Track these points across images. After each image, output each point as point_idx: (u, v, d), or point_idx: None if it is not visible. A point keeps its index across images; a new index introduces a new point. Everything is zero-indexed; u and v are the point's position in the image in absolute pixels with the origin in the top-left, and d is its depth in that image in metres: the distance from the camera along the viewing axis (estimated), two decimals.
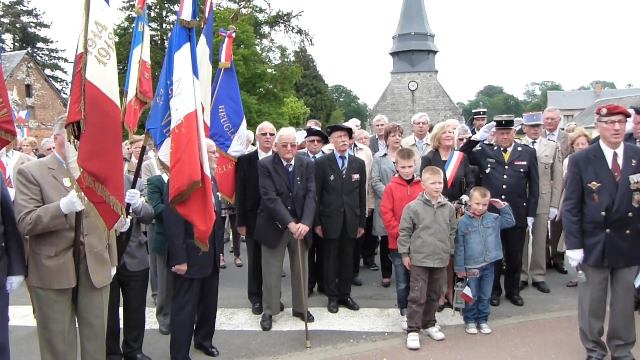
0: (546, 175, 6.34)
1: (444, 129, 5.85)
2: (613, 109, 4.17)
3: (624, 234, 4.14)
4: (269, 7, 38.63)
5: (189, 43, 4.08)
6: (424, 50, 49.58)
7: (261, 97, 30.98)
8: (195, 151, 3.93)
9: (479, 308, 5.21)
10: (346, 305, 5.98)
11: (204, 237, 4.01)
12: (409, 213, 4.96)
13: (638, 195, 4.12)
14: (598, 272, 4.24)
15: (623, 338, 4.31)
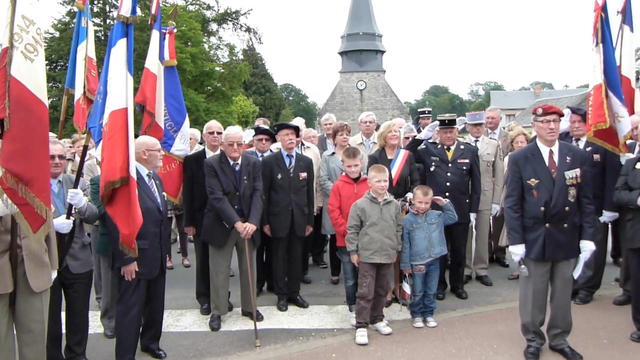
0: (488, 172, 6.55)
1: (389, 127, 5.95)
2: (548, 109, 4.36)
3: (562, 227, 4.32)
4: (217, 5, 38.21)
5: (125, 39, 3.99)
6: (372, 50, 50.12)
7: (209, 95, 30.54)
8: (115, 150, 3.83)
9: (425, 302, 5.33)
10: (295, 303, 6.00)
11: (129, 241, 3.94)
12: (356, 211, 5.02)
13: (573, 191, 4.32)
14: (540, 266, 4.41)
15: (561, 327, 4.52)
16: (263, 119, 8.71)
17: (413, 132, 6.79)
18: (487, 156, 6.57)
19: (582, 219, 4.40)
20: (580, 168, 4.35)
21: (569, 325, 4.55)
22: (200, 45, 29.22)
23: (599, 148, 5.45)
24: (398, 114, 46.10)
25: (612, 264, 6.95)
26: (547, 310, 4.55)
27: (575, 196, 4.34)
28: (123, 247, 3.98)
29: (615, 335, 4.92)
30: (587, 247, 4.39)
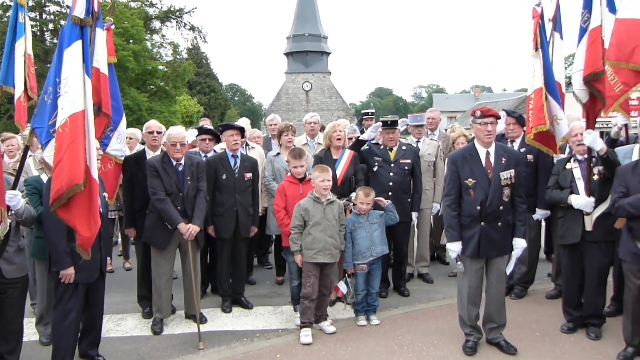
0: (429, 172, 6.73)
1: (334, 128, 6.02)
2: (486, 112, 4.53)
3: (497, 226, 4.50)
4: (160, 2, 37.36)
5: (80, 41, 3.91)
6: (318, 51, 50.34)
7: (152, 94, 29.86)
8: (78, 153, 3.76)
9: (368, 301, 5.42)
10: (240, 304, 5.96)
11: (87, 244, 3.86)
12: (300, 211, 5.05)
13: (508, 190, 4.51)
14: (475, 262, 4.57)
15: (496, 321, 4.70)
16: (207, 119, 8.60)
17: (356, 133, 6.89)
18: (428, 156, 6.75)
19: (515, 217, 4.60)
20: (515, 169, 4.54)
21: (504, 319, 4.74)
22: (142, 42, 28.52)
23: (532, 149, 5.69)
24: (343, 115, 46.47)
25: (545, 260, 7.27)
26: (482, 306, 4.73)
27: (509, 196, 4.53)
28: (80, 250, 3.89)
29: (547, 327, 5.16)
30: (519, 244, 4.60)
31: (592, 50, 4.78)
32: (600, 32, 4.74)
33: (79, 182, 3.73)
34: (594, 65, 4.75)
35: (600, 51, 4.71)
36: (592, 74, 4.76)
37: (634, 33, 4.52)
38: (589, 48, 4.80)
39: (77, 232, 3.82)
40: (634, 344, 4.46)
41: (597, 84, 4.79)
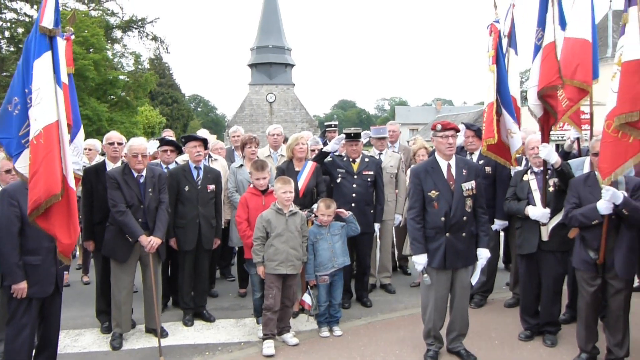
0: (391, 184, 6.82)
1: (297, 140, 6.06)
2: (446, 125, 4.63)
3: (461, 236, 4.59)
4: (121, 11, 36.81)
5: (50, 52, 3.93)
6: (282, 63, 50.51)
7: (113, 104, 29.31)
8: (54, 163, 3.82)
9: (331, 312, 5.44)
10: (202, 317, 5.90)
11: (68, 250, 3.94)
12: (262, 222, 5.05)
13: (470, 201, 4.61)
14: (441, 274, 4.64)
15: (458, 330, 4.79)
16: (169, 130, 8.53)
17: (319, 145, 6.93)
18: (391, 168, 6.84)
19: (477, 228, 4.70)
20: (475, 180, 4.65)
21: (466, 329, 4.82)
22: (103, 52, 28.01)
23: (490, 161, 5.85)
24: (307, 126, 46.75)
25: (503, 269, 7.45)
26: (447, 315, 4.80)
27: (472, 207, 4.63)
28: (62, 257, 3.96)
29: (505, 335, 5.28)
30: (483, 254, 4.70)
31: (545, 64, 4.98)
32: (554, 47, 4.93)
33: (56, 192, 3.79)
34: (549, 79, 4.93)
35: (555, 65, 4.90)
36: (546, 87, 4.94)
37: (577, 52, 4.74)
38: (542, 63, 4.99)
39: (57, 240, 3.88)
40: (587, 349, 4.61)
41: (550, 99, 4.98)
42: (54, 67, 3.95)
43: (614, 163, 4.18)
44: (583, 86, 4.67)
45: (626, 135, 4.13)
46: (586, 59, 4.72)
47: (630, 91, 4.07)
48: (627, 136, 4.13)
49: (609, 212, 4.26)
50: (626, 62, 4.12)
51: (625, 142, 4.15)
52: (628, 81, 4.10)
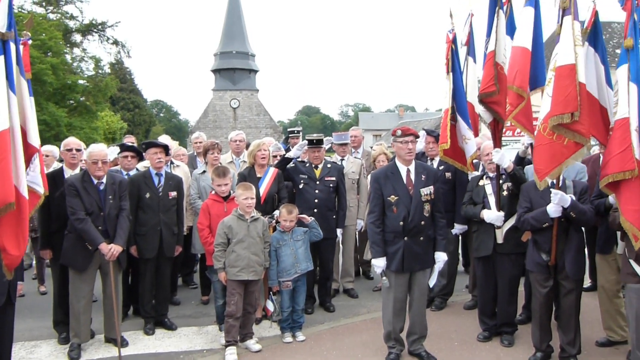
0: (353, 189, 6.91)
1: (259, 146, 6.07)
2: (406, 131, 4.74)
3: (419, 240, 4.69)
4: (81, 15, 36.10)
5: (3, 56, 3.80)
6: (246, 69, 50.31)
7: (72, 110, 28.70)
8: (7, 172, 3.68)
9: (294, 318, 5.46)
10: (163, 326, 5.84)
11: (15, 263, 3.79)
12: (223, 228, 5.05)
13: (428, 206, 4.71)
14: (400, 277, 4.72)
15: (418, 333, 4.88)
16: (130, 136, 8.42)
17: (281, 151, 6.97)
18: (352, 174, 6.93)
19: (435, 232, 4.81)
20: (434, 185, 4.76)
21: (425, 331, 4.92)
22: (61, 56, 27.44)
23: (450, 166, 5.99)
24: (271, 132, 46.68)
25: (463, 272, 7.61)
26: (407, 317, 4.89)
27: (430, 211, 4.74)
28: (5, 270, 3.78)
29: (465, 337, 5.40)
30: (440, 257, 4.81)
31: (485, 71, 5.19)
32: (493, 55, 5.14)
33: (10, 201, 3.66)
34: (484, 85, 5.15)
35: (491, 72, 5.11)
36: (482, 93, 5.15)
37: (517, 59, 4.96)
38: (484, 70, 5.20)
39: (4, 251, 3.72)
40: (542, 348, 4.77)
41: (496, 105, 5.16)
42: (6, 73, 3.81)
43: (550, 165, 4.39)
44: (519, 91, 4.88)
45: (561, 137, 4.33)
46: (524, 66, 4.93)
47: (562, 93, 4.28)
48: (562, 138, 4.33)
49: (558, 215, 4.43)
50: (559, 66, 4.34)
51: (560, 144, 4.35)
52: (561, 84, 4.31)
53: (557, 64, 4.36)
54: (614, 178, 4.14)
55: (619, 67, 4.23)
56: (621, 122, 4.14)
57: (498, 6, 5.21)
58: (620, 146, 4.11)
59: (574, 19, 4.33)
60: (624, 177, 4.08)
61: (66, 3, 34.64)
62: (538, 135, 4.54)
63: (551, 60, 4.47)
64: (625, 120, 4.10)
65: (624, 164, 4.06)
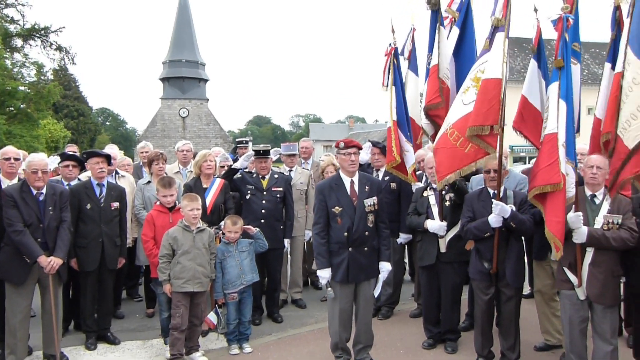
0: (301, 200, 6.94)
1: (205, 157, 6.03)
2: (349, 143, 4.81)
3: (363, 251, 4.75)
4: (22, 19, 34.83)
5: None
6: (195, 78, 49.71)
7: (11, 117, 27.57)
8: None
9: (240, 330, 5.42)
10: (106, 340, 5.68)
11: None
12: (168, 240, 4.99)
13: (372, 217, 4.79)
14: (345, 287, 4.77)
15: (364, 342, 4.93)
16: (72, 145, 8.19)
17: (228, 162, 6.93)
18: (301, 185, 6.96)
19: (379, 242, 4.88)
20: (377, 196, 4.84)
21: (371, 340, 4.98)
22: (1, 60, 26.37)
23: (395, 177, 6.10)
24: (221, 142, 46.27)
25: (409, 281, 7.75)
26: (353, 327, 4.93)
27: (374, 222, 4.82)
28: None
29: (410, 345, 5.50)
30: (385, 267, 4.89)
31: (429, 84, 5.35)
32: (437, 69, 5.31)
33: None
34: (429, 97, 5.32)
35: (436, 85, 5.28)
36: (429, 105, 5.32)
37: None
38: (428, 83, 5.37)
39: None
40: (484, 354, 4.92)
41: (437, 118, 5.33)
42: None
43: (449, 168, 4.67)
44: None
45: (464, 145, 4.59)
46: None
47: (486, 105, 4.48)
48: (465, 145, 4.60)
49: (498, 225, 4.60)
50: (486, 79, 4.54)
51: (461, 150, 4.61)
52: (485, 97, 4.51)
53: (484, 75, 4.53)
54: (541, 190, 4.32)
55: (550, 84, 4.43)
56: (550, 136, 4.33)
57: (438, 22, 5.39)
58: (548, 160, 4.29)
59: (506, 37, 4.53)
60: (550, 189, 4.26)
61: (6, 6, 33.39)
62: (443, 137, 4.78)
63: (472, 71, 4.65)
64: (554, 136, 4.29)
65: (550, 177, 4.24)
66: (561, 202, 4.22)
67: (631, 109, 4.30)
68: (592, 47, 35.56)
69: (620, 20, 4.83)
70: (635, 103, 4.27)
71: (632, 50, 4.30)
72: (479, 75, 4.60)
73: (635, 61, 4.26)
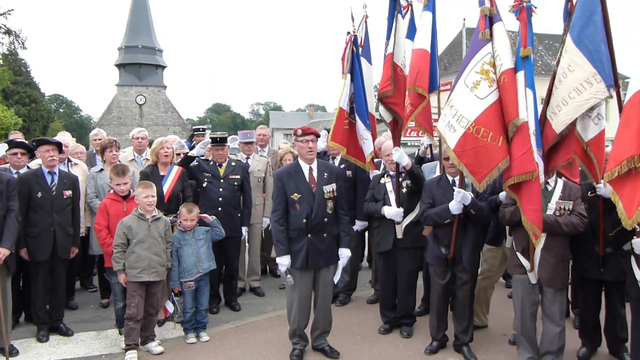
0: (259, 188, 6.91)
1: (162, 144, 5.94)
2: (306, 130, 4.81)
3: (322, 237, 4.77)
4: None
5: None
6: (152, 64, 48.64)
7: None
8: None
9: (197, 318, 5.38)
10: (59, 332, 5.56)
11: None
12: (122, 229, 4.89)
13: (331, 203, 4.81)
14: (304, 274, 4.79)
15: (322, 328, 4.98)
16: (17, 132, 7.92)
17: (184, 149, 6.83)
18: (258, 172, 6.93)
19: (339, 228, 4.91)
20: (336, 183, 4.87)
21: (329, 326, 5.03)
22: None
23: (351, 165, 6.12)
24: (180, 130, 45.54)
25: (367, 268, 7.84)
26: (311, 314, 4.97)
27: (333, 208, 4.84)
28: None
29: (367, 330, 5.58)
30: (344, 254, 4.93)
31: (384, 72, 5.38)
32: (391, 57, 5.34)
33: None
34: (382, 85, 5.34)
35: (388, 73, 5.31)
36: (381, 93, 5.35)
37: (418, 61, 5.17)
38: (383, 71, 5.39)
39: None
40: (438, 338, 5.03)
41: (395, 106, 5.37)
42: None
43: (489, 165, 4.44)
44: (420, 91, 5.07)
45: (495, 139, 4.41)
46: (425, 67, 5.14)
47: (514, 98, 4.41)
48: (497, 140, 4.42)
49: (459, 212, 4.68)
50: (506, 70, 4.46)
51: (494, 145, 4.43)
52: (509, 90, 4.43)
53: (502, 69, 4.46)
54: (517, 180, 4.34)
55: (516, 73, 4.47)
56: (522, 125, 4.36)
57: (397, 10, 5.41)
58: (522, 149, 4.33)
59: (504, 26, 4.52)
60: (525, 178, 4.30)
61: None
62: (467, 137, 4.50)
63: (474, 63, 4.57)
64: (525, 124, 4.34)
65: (525, 166, 4.29)
66: (537, 190, 4.29)
67: (562, 94, 4.37)
68: (545, 38, 36.43)
69: (572, 12, 4.93)
70: (568, 90, 4.34)
71: (571, 37, 4.39)
72: (486, 67, 4.50)
73: (573, 49, 4.34)
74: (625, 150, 3.86)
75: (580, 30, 4.34)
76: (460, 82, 4.60)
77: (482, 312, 5.62)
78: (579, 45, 4.32)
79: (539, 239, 4.31)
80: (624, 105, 4.09)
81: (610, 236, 4.49)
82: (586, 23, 4.33)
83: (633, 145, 3.82)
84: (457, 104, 4.60)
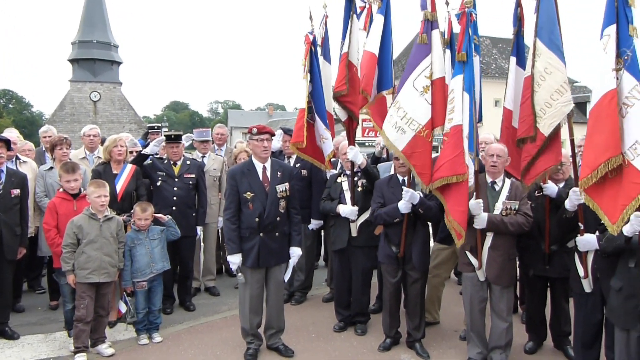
0: (215, 187, 6.86)
1: (115, 142, 5.82)
2: (261, 129, 4.81)
3: (274, 236, 4.78)
4: None
5: None
6: (107, 60, 47.41)
7: None
8: None
9: (150, 319, 5.30)
10: (4, 335, 5.37)
11: None
12: (72, 228, 4.77)
13: (283, 202, 4.83)
14: (255, 273, 4.79)
15: (275, 327, 4.98)
16: None
17: (137, 147, 6.70)
18: (214, 171, 6.88)
19: (290, 227, 4.94)
20: (289, 182, 4.88)
21: (283, 324, 5.04)
22: None
23: (306, 164, 6.13)
24: (136, 127, 44.59)
25: (323, 266, 7.87)
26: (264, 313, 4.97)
27: (285, 207, 4.86)
28: None
29: (322, 329, 5.61)
30: (295, 252, 4.96)
31: (339, 72, 5.45)
32: (346, 57, 5.41)
33: None
34: (337, 84, 5.41)
35: (343, 72, 5.39)
36: (336, 92, 5.42)
37: (365, 63, 5.26)
38: (338, 70, 5.46)
39: None
40: (391, 335, 5.12)
41: (348, 103, 5.43)
42: None
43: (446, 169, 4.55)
44: (364, 94, 5.17)
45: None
46: (370, 70, 5.24)
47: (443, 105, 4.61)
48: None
49: (408, 211, 4.76)
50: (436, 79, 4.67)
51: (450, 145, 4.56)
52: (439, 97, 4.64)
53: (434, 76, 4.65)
54: (447, 181, 4.48)
55: (454, 77, 4.58)
56: (456, 129, 4.48)
57: (352, 10, 5.46)
58: (454, 151, 4.46)
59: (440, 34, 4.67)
60: (455, 180, 4.44)
61: None
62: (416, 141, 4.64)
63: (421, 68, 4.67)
64: (459, 128, 4.46)
65: (456, 168, 4.42)
66: (465, 191, 4.43)
67: (545, 97, 4.47)
68: (499, 42, 37.40)
69: (521, 17, 5.08)
70: (549, 92, 4.45)
71: (542, 41, 4.50)
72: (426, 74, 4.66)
73: (546, 51, 4.46)
74: (600, 155, 3.79)
75: (550, 33, 4.47)
76: (408, 84, 4.70)
77: (434, 309, 5.74)
78: (552, 48, 4.45)
79: (462, 238, 4.44)
80: (590, 111, 4.02)
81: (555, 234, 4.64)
82: (553, 26, 4.47)
83: (609, 147, 3.75)
84: (405, 106, 4.71)
